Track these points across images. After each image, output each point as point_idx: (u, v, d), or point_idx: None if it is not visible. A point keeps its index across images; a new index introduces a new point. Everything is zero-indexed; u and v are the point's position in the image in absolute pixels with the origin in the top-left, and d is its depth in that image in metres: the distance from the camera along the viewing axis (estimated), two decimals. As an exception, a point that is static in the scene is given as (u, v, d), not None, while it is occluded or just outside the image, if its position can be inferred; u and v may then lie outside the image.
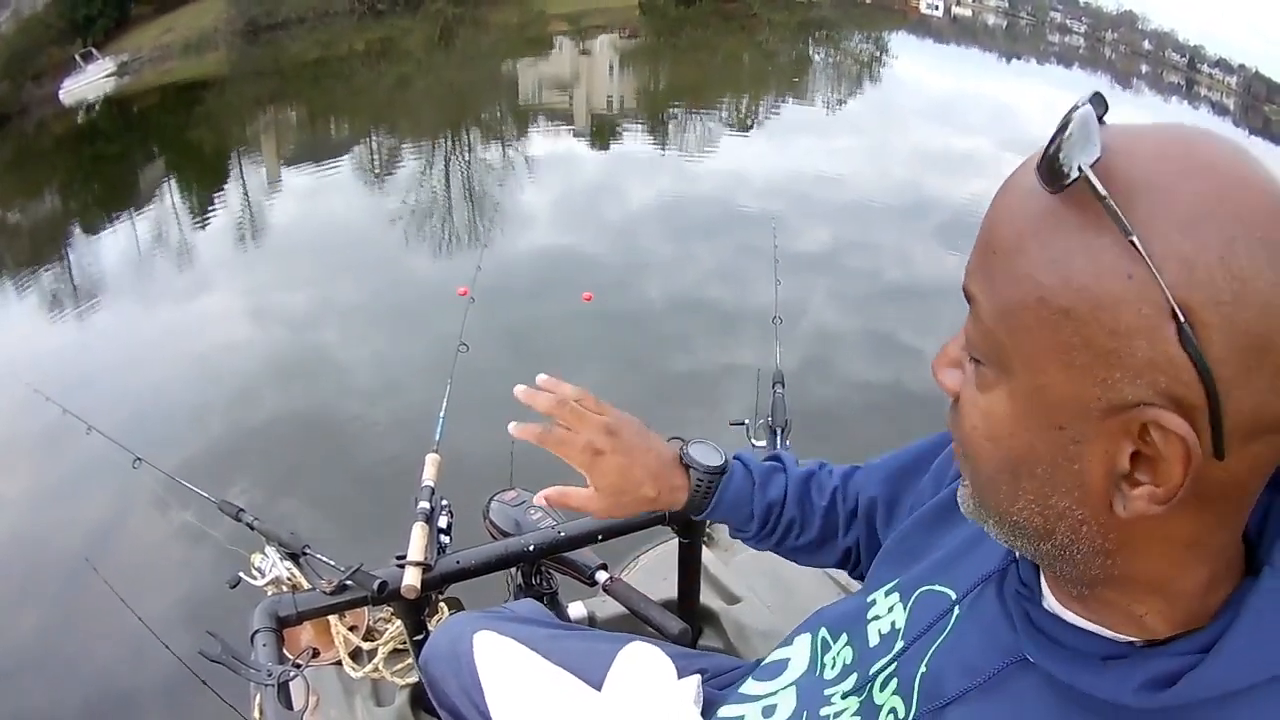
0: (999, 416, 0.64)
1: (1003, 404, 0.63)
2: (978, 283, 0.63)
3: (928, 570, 0.92)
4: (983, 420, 0.66)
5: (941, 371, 0.72)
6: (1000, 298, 0.61)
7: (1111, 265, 0.55)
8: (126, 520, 4.67)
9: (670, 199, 11.77)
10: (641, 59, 29.98)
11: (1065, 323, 0.57)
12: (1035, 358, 0.59)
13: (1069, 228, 0.56)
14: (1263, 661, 0.62)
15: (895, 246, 10.00)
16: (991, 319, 0.62)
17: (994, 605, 0.80)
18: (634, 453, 1.16)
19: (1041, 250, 0.58)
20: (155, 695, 3.43)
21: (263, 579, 1.81)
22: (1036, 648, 0.73)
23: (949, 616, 0.85)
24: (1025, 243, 0.59)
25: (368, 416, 5.93)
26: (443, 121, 18.15)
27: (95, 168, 16.37)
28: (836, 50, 33.35)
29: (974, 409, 0.67)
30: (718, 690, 1.22)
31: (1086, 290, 0.55)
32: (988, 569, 0.82)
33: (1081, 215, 0.56)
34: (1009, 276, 0.60)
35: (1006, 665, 0.75)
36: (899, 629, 0.90)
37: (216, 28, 28.42)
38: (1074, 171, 0.55)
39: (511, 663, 1.26)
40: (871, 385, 6.54)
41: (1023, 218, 0.59)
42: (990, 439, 0.66)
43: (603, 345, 6.99)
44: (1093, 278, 0.55)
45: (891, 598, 0.95)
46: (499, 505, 1.98)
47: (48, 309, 9.20)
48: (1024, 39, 45.66)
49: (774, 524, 1.23)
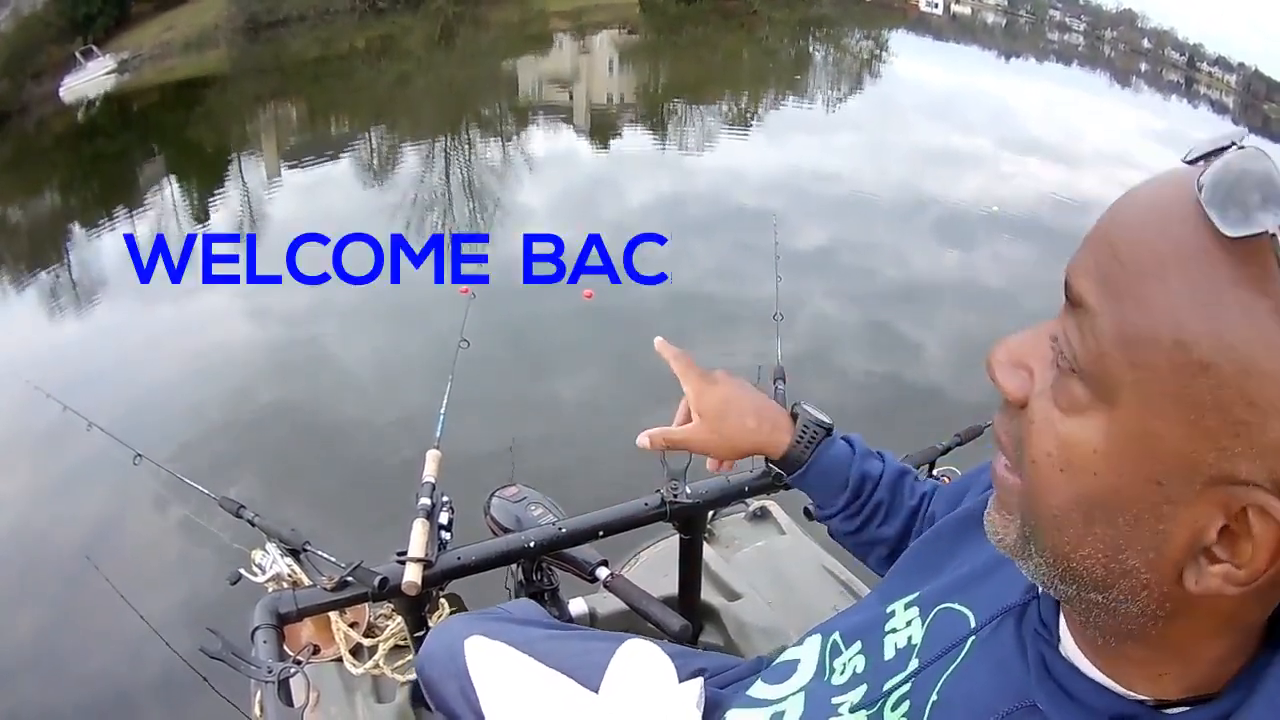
0: (1086, 448, 0.58)
1: (1094, 435, 0.58)
2: (1097, 289, 0.57)
3: (949, 586, 0.90)
4: (1060, 447, 0.60)
5: (1003, 371, 0.65)
6: (1129, 320, 0.55)
7: (1268, 335, 0.50)
8: (127, 517, 4.68)
9: (670, 195, 11.77)
10: (641, 56, 29.98)
11: (1203, 377, 0.52)
12: (1154, 401, 0.54)
13: (1228, 276, 0.52)
14: None
15: (893, 243, 10.01)
16: (1113, 341, 0.56)
17: (1011, 641, 0.77)
18: (743, 388, 1.26)
19: (1188, 287, 0.53)
20: (155, 692, 3.44)
21: (263, 575, 1.81)
22: (1048, 697, 0.70)
23: (964, 644, 0.82)
24: (1168, 271, 0.54)
25: (367, 413, 5.93)
26: (443, 119, 18.15)
27: (95, 165, 16.37)
28: (836, 48, 33.37)
29: (1050, 430, 0.60)
30: (718, 689, 1.21)
31: (1236, 351, 0.51)
32: (1009, 599, 0.80)
33: (1245, 269, 0.51)
34: (1141, 300, 0.54)
35: (1016, 709, 0.72)
36: (915, 645, 0.88)
37: (217, 25, 28.41)
38: (1255, 225, 0.50)
39: (504, 668, 1.26)
40: (868, 381, 6.55)
41: (1170, 242, 0.54)
42: (1066, 469, 0.60)
43: (603, 342, 7.00)
44: (1245, 341, 0.51)
45: (911, 611, 0.92)
46: (500, 501, 1.98)
47: (47, 306, 9.20)
48: (1023, 37, 45.69)
49: (864, 501, 1.23)
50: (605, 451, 5.23)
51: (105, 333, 8.27)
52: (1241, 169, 0.51)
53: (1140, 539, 0.58)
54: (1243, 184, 0.51)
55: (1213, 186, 0.52)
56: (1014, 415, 0.64)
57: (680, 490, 1.81)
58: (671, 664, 1.23)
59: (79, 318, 8.80)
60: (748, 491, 1.91)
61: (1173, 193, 0.55)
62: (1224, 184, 0.52)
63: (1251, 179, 0.51)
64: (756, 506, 2.61)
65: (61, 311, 9.01)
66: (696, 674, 1.25)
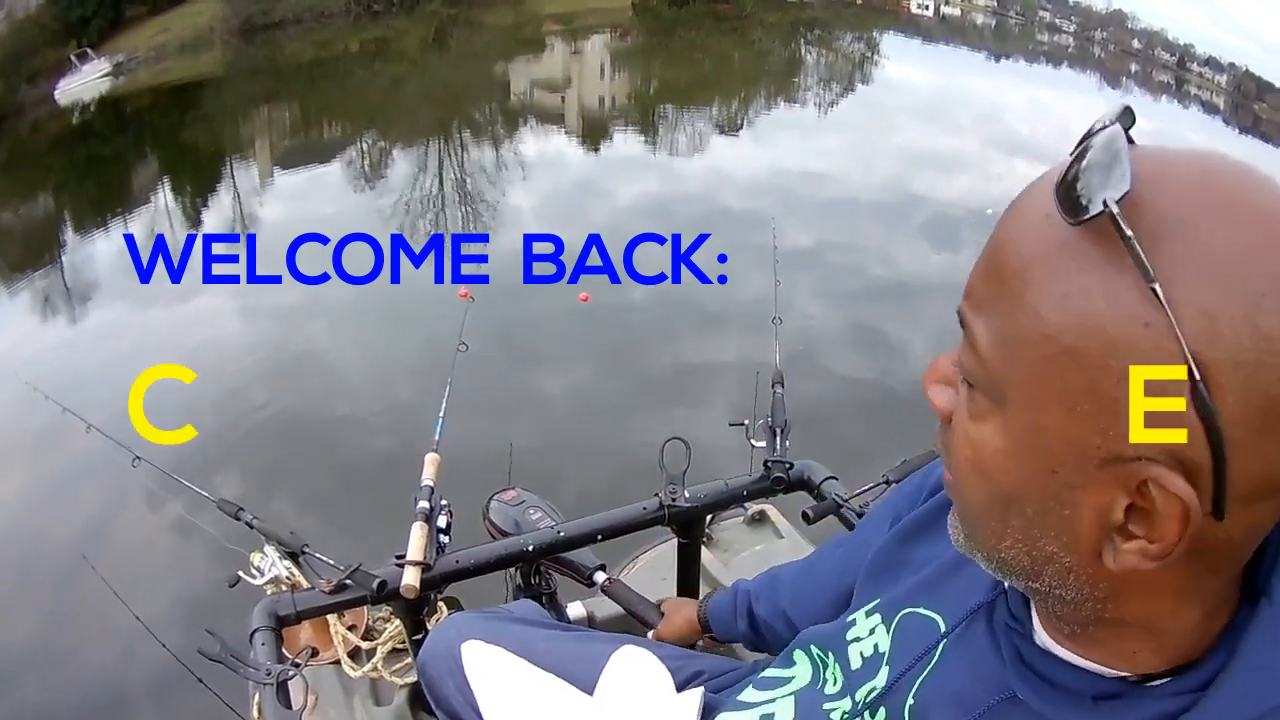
0: (990, 449, 0.60)
1: (995, 437, 0.60)
2: (976, 307, 0.59)
3: (910, 591, 0.91)
4: (973, 450, 0.62)
5: (932, 389, 0.68)
6: (1001, 327, 0.57)
7: (1128, 309, 0.51)
8: (125, 519, 4.66)
9: (662, 198, 11.77)
10: (634, 60, 29.99)
11: (1072, 364, 0.53)
12: (1035, 396, 0.56)
13: (1086, 261, 0.53)
14: (1261, 698, 0.60)
15: (881, 243, 10.01)
16: (989, 348, 0.58)
17: (984, 638, 0.78)
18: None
19: (1052, 283, 0.54)
20: (153, 694, 3.43)
21: (262, 578, 1.81)
22: (1027, 685, 0.71)
23: (936, 648, 0.83)
24: (1034, 272, 0.55)
25: (366, 416, 5.92)
26: (437, 122, 18.14)
27: (90, 168, 16.35)
28: (828, 50, 33.39)
29: (965, 437, 0.63)
30: (714, 693, 1.22)
31: (1099, 333, 0.52)
32: (976, 597, 0.80)
33: (1101, 249, 0.52)
34: (1012, 306, 0.56)
35: (997, 702, 0.73)
36: (882, 652, 0.89)
37: (212, 27, 28.38)
38: (1096, 205, 0.51)
39: (500, 671, 1.27)
40: (857, 381, 6.54)
41: (1033, 244, 0.55)
42: (979, 471, 0.62)
43: (599, 346, 6.99)
44: (1107, 320, 0.51)
45: (873, 619, 0.93)
46: (498, 505, 1.98)
47: (41, 308, 9.18)
48: (1013, 38, 45.69)
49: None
50: (604, 453, 5.24)
51: (99, 334, 8.24)
52: (1091, 156, 0.53)
53: (1051, 526, 0.59)
54: (1088, 169, 0.53)
55: (1060, 179, 0.54)
56: (945, 427, 0.67)
57: (679, 494, 1.82)
58: (667, 670, 1.24)
59: (72, 319, 8.78)
60: (746, 495, 1.91)
61: (1036, 197, 0.57)
62: (1071, 173, 0.54)
63: (1092, 160, 0.53)
64: (755, 510, 2.61)
65: (56, 313, 8.98)
66: (694, 677, 1.26)
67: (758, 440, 1.90)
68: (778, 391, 1.98)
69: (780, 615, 1.31)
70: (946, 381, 0.67)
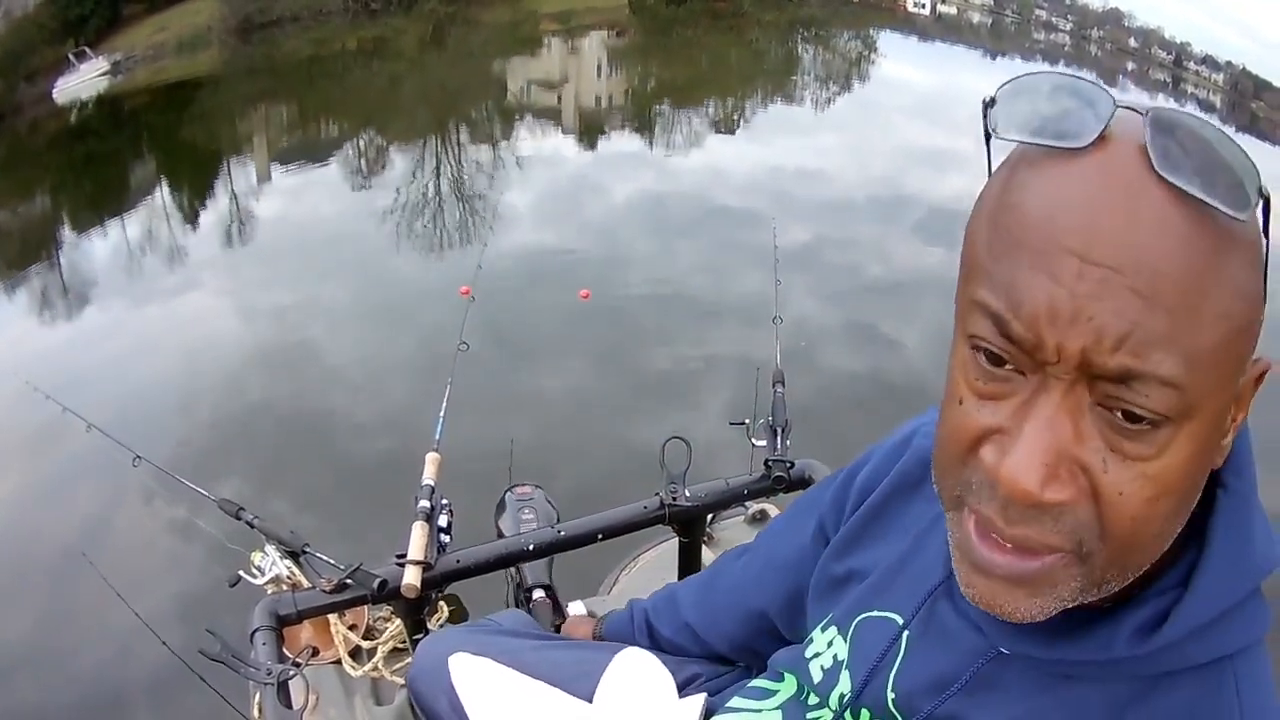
0: (1178, 467, 0.58)
1: (1183, 452, 0.57)
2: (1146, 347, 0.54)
3: (861, 597, 0.91)
4: (1156, 487, 0.58)
5: (1058, 490, 0.58)
6: (1190, 349, 0.54)
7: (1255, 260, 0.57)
8: (125, 518, 4.65)
9: (661, 197, 11.75)
10: (631, 58, 29.96)
11: (1249, 332, 0.58)
12: (1227, 379, 0.58)
13: (1230, 249, 0.55)
14: (1246, 575, 0.66)
15: (876, 241, 10.01)
16: (1187, 376, 0.54)
17: (950, 616, 0.79)
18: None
19: (1221, 284, 0.54)
20: (153, 693, 3.42)
21: (262, 577, 1.82)
22: (1012, 637, 0.72)
23: (899, 641, 0.83)
24: (1205, 283, 0.54)
25: (366, 416, 5.91)
26: (434, 121, 18.13)
27: (88, 167, 16.32)
28: (825, 49, 33.38)
29: (1143, 483, 0.57)
30: (711, 695, 1.21)
31: (1253, 295, 0.57)
32: (930, 584, 0.81)
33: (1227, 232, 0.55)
34: (1193, 324, 0.54)
35: (983, 664, 0.74)
36: (842, 660, 0.90)
37: (210, 26, 28.32)
38: (1254, 197, 0.54)
39: (490, 682, 1.25)
40: (854, 377, 6.54)
41: (1191, 257, 0.54)
42: (1166, 495, 0.59)
43: (600, 344, 6.98)
44: (1253, 279, 0.57)
45: (829, 632, 0.94)
46: (504, 502, 1.99)
47: (40, 307, 9.16)
48: (1009, 36, 45.68)
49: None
50: (604, 452, 5.23)
51: (98, 333, 8.22)
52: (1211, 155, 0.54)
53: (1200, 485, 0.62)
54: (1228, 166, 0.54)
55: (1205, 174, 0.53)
56: (1063, 511, 0.59)
57: (679, 493, 1.82)
58: (669, 673, 1.24)
59: (71, 318, 8.75)
60: (747, 494, 1.92)
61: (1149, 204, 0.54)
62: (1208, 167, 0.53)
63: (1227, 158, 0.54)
64: (755, 509, 2.61)
65: (54, 311, 8.96)
66: (693, 679, 1.26)
67: (758, 439, 1.91)
68: (778, 390, 1.98)
69: (684, 629, 1.31)
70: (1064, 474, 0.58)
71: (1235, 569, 0.65)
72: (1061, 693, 0.70)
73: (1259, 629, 0.67)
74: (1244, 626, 0.67)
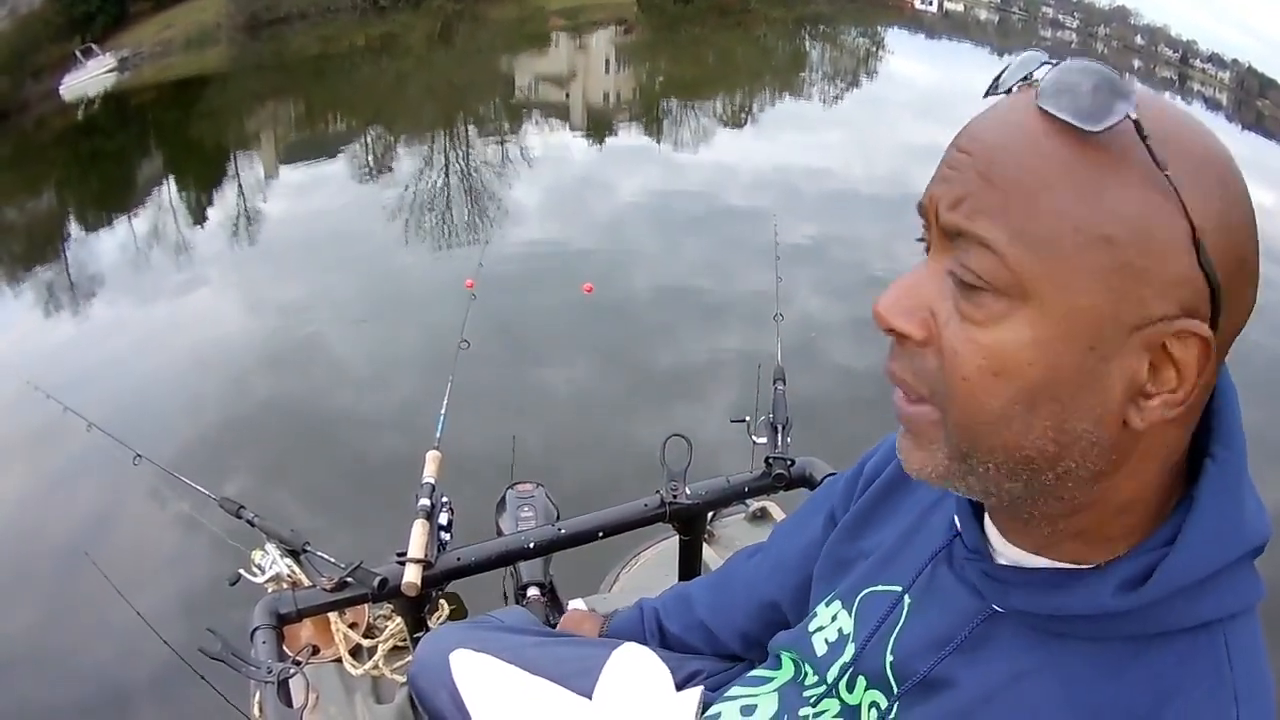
0: (1015, 346, 0.64)
1: (1021, 332, 0.63)
2: (976, 214, 0.64)
3: (866, 574, 0.95)
4: (989, 355, 0.65)
5: (904, 318, 0.69)
6: (1021, 228, 0.62)
7: (1144, 196, 0.60)
8: (126, 517, 4.66)
9: (667, 193, 11.74)
10: (638, 54, 29.96)
11: (1105, 248, 0.61)
12: (1072, 282, 0.61)
13: (1101, 163, 0.61)
14: (1234, 539, 0.69)
15: (882, 238, 9.99)
16: (1016, 250, 0.62)
17: (948, 580, 0.83)
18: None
19: (1073, 185, 0.61)
20: (153, 691, 3.43)
21: (263, 576, 1.82)
22: (1004, 595, 0.76)
23: (900, 607, 0.87)
24: (1052, 179, 0.61)
25: (368, 413, 5.91)
26: (442, 117, 18.14)
27: (94, 163, 16.34)
28: (832, 46, 33.37)
29: (974, 345, 0.65)
30: (711, 691, 1.22)
31: (1126, 219, 0.60)
32: (930, 552, 0.85)
33: (1110, 153, 0.61)
34: (1028, 208, 0.62)
35: (978, 624, 0.78)
36: (847, 634, 0.93)
37: (219, 23, 28.37)
38: (1117, 116, 0.59)
39: (492, 678, 1.25)
40: (857, 375, 6.53)
41: (1041, 156, 0.62)
42: (1000, 373, 0.65)
43: (603, 340, 6.97)
44: (1130, 206, 0.60)
45: (833, 607, 0.98)
46: (505, 500, 1.98)
47: (44, 305, 9.17)
48: (1016, 34, 45.63)
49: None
50: (605, 450, 5.23)
51: (103, 331, 8.23)
52: (1075, 77, 0.61)
53: (1085, 402, 0.64)
54: (1085, 87, 0.61)
55: (1060, 97, 0.62)
56: (915, 352, 0.69)
57: (680, 491, 1.81)
58: (667, 669, 1.24)
59: (76, 316, 8.76)
60: (748, 492, 1.91)
61: (1022, 116, 0.64)
62: (1071, 92, 0.61)
63: (1090, 82, 0.61)
64: (756, 507, 2.61)
65: (58, 310, 8.97)
66: (693, 676, 1.26)
67: (759, 437, 1.90)
68: (779, 388, 1.98)
69: (696, 627, 1.33)
70: (917, 308, 0.69)
71: (1222, 531, 0.68)
72: (1055, 651, 0.73)
73: (1251, 596, 0.70)
74: (1234, 591, 0.69)
